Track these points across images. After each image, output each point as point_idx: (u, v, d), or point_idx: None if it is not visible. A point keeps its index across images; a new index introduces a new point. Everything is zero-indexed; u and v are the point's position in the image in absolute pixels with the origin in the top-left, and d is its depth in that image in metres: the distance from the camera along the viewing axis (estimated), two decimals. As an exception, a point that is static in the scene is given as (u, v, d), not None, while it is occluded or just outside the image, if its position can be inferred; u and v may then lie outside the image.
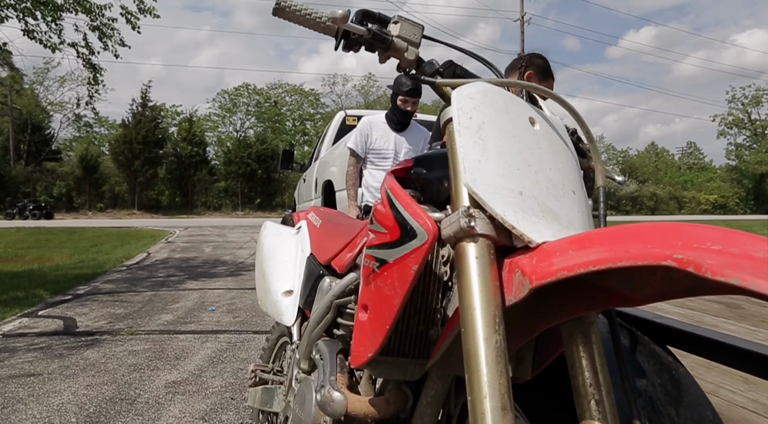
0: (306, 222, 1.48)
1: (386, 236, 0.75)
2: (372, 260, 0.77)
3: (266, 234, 1.55)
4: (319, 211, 1.50)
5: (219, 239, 13.81)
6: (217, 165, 35.22)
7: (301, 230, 1.46)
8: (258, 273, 1.47)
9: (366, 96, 42.35)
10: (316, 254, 1.28)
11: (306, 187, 6.22)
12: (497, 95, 0.78)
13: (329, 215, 1.43)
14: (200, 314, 4.30)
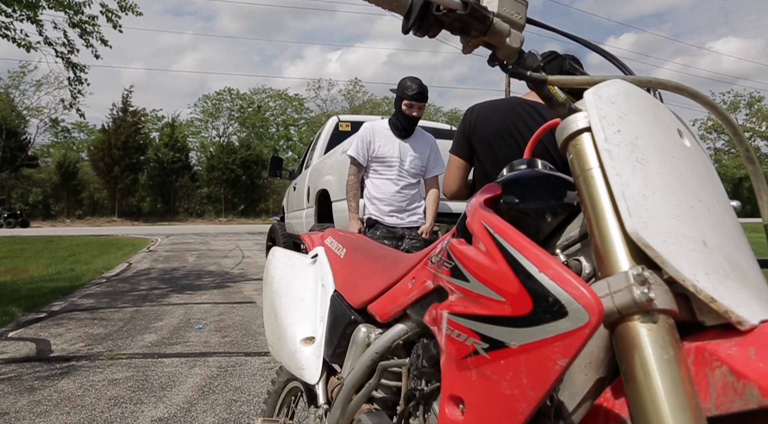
0: (324, 249, 1.23)
1: (502, 306, 0.51)
2: (470, 334, 0.54)
3: (275, 263, 1.30)
4: (339, 235, 1.26)
5: (203, 247, 13.43)
6: (199, 171, 34.63)
7: (318, 259, 1.22)
8: (268, 312, 1.22)
9: (351, 101, 42.09)
10: (344, 293, 1.04)
11: (297, 195, 5.96)
12: (641, 98, 0.56)
13: (355, 242, 1.19)
14: (186, 333, 4.01)
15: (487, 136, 1.87)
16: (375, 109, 41.34)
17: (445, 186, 2.00)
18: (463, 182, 1.96)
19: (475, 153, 1.92)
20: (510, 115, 1.86)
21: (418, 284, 0.77)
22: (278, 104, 48.24)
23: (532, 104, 1.87)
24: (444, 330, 0.60)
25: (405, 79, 2.93)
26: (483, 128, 1.89)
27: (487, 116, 1.90)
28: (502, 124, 1.86)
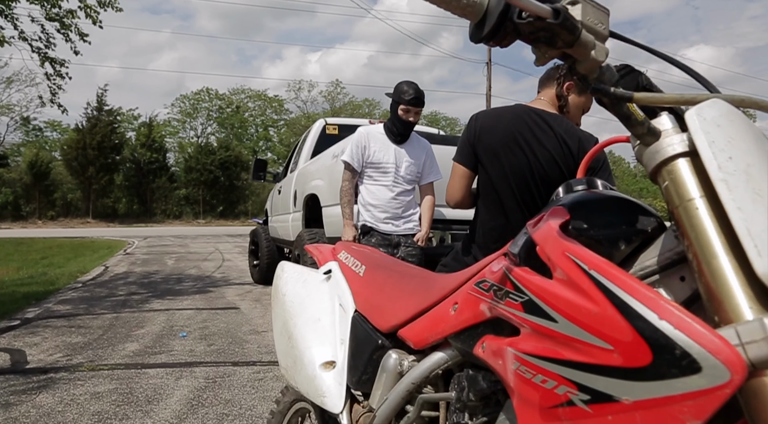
0: (338, 265, 1.16)
1: (609, 355, 0.45)
2: (560, 381, 0.48)
3: (286, 279, 1.23)
4: (353, 250, 1.19)
5: (181, 250, 13.17)
6: (177, 172, 34.04)
7: (332, 276, 1.15)
8: (280, 333, 1.15)
9: (332, 102, 41.91)
10: (368, 315, 0.98)
11: (282, 199, 5.85)
12: (742, 120, 0.51)
13: (374, 259, 1.12)
14: (170, 341, 3.88)
15: (493, 145, 1.83)
16: (356, 111, 41.24)
17: (449, 195, 1.95)
18: (467, 191, 1.92)
19: (480, 161, 1.87)
20: (516, 123, 1.82)
21: (464, 311, 0.71)
22: (257, 105, 47.77)
23: (538, 112, 1.84)
24: (514, 369, 0.54)
25: (401, 83, 2.87)
26: (488, 136, 1.84)
27: (493, 124, 1.86)
28: (508, 132, 1.82)
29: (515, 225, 1.85)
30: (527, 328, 0.55)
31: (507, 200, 1.83)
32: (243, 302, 5.68)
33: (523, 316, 0.55)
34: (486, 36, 0.54)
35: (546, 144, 1.77)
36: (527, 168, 1.79)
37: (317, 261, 1.28)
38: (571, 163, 1.78)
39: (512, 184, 1.81)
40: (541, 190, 1.81)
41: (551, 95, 1.91)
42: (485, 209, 1.90)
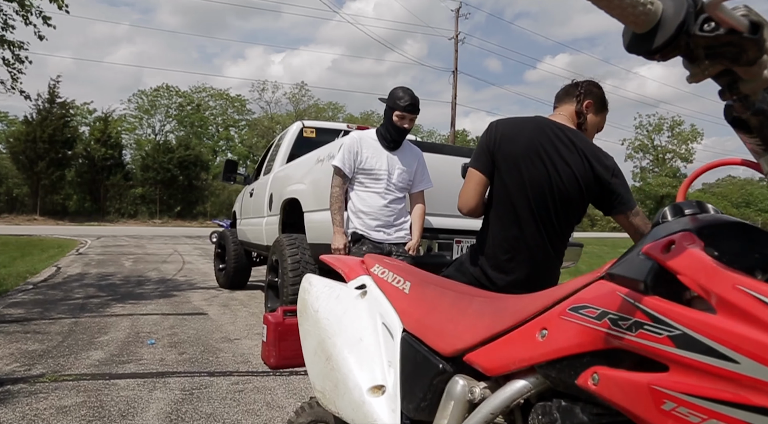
0: (372, 280, 1.09)
1: None
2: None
3: (316, 295, 1.14)
4: (389, 264, 1.12)
5: (138, 251, 12.67)
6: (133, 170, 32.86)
7: (369, 292, 1.07)
8: (314, 353, 1.06)
9: (296, 104, 41.44)
10: (423, 336, 0.91)
11: (255, 202, 5.69)
12: None
13: (418, 275, 1.05)
14: (138, 349, 3.68)
15: (514, 154, 1.80)
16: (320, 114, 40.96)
17: (462, 202, 1.89)
18: (482, 199, 1.88)
19: (498, 170, 1.84)
20: (538, 135, 1.80)
21: (559, 339, 0.66)
22: (219, 104, 46.79)
23: (561, 126, 1.83)
24: (668, 410, 0.49)
25: (397, 89, 2.82)
26: (509, 145, 1.81)
27: (515, 133, 1.83)
28: (530, 143, 1.79)
29: (529, 237, 1.82)
30: (682, 365, 0.50)
31: (522, 212, 1.80)
32: (210, 308, 5.48)
33: (678, 352, 0.50)
34: (656, 48, 0.49)
35: (568, 159, 1.76)
36: (546, 181, 1.77)
37: (343, 274, 1.20)
38: (591, 181, 1.77)
39: (530, 196, 1.79)
40: (558, 205, 1.79)
41: (571, 112, 1.91)
42: (498, 220, 1.86)
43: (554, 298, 0.71)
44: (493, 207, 1.87)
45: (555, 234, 1.85)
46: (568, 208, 1.81)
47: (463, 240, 3.31)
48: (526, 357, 0.71)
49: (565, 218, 1.83)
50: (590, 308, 0.62)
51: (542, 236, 1.83)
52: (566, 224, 1.85)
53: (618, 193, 1.79)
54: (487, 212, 1.91)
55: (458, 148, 3.40)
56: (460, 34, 25.13)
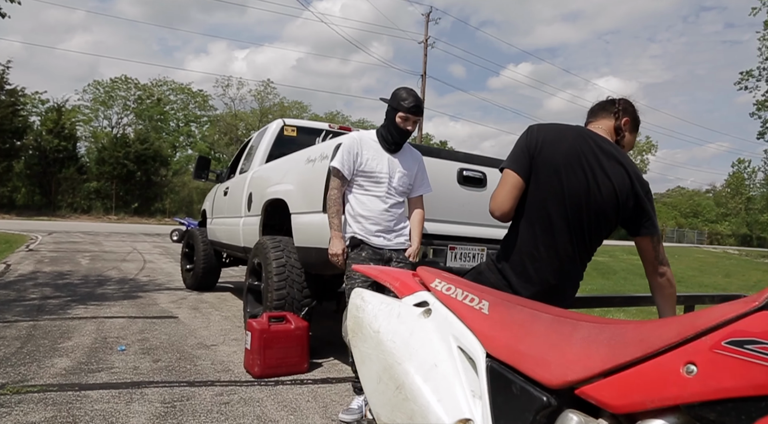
0: (434, 296, 0.98)
1: None
2: None
3: (373, 312, 1.02)
4: (452, 279, 1.02)
5: (95, 249, 12.08)
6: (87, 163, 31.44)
7: (434, 310, 0.97)
8: (379, 380, 0.94)
9: (261, 102, 40.66)
10: (516, 363, 0.81)
11: (229, 201, 5.47)
12: None
13: (493, 293, 0.95)
14: (107, 356, 3.44)
15: (555, 160, 1.74)
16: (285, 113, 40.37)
17: (496, 205, 1.80)
18: (516, 203, 1.80)
19: (536, 174, 1.77)
20: (581, 144, 1.75)
21: (717, 376, 0.57)
22: (180, 98, 45.52)
23: (603, 138, 1.80)
24: None
25: (400, 90, 2.72)
26: (551, 150, 1.75)
27: (557, 139, 1.77)
28: (572, 151, 1.74)
29: (561, 248, 1.76)
30: None
31: (558, 221, 1.74)
32: (180, 310, 5.23)
33: None
34: None
35: (609, 172, 1.71)
36: (585, 192, 1.72)
37: (393, 289, 1.09)
38: (629, 197, 1.73)
39: (567, 205, 1.73)
40: (592, 217, 1.74)
41: (609, 127, 1.87)
42: (529, 227, 1.79)
43: (696, 328, 0.63)
44: (525, 213, 1.80)
45: (584, 247, 1.80)
46: (601, 222, 1.76)
47: (457, 247, 3.24)
48: (671, 395, 0.62)
49: (596, 231, 1.78)
50: (762, 343, 0.54)
51: (574, 248, 1.77)
52: (596, 238, 1.80)
53: (650, 215, 1.76)
54: (517, 217, 1.83)
55: (454, 152, 3.33)
56: (429, 38, 25.27)
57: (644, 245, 1.77)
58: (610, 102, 1.94)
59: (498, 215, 1.81)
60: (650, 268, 1.78)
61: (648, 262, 1.78)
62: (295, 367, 3.27)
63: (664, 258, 1.77)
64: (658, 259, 1.76)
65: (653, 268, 1.77)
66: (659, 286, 1.79)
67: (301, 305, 3.43)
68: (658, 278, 1.77)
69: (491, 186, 3.42)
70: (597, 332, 0.77)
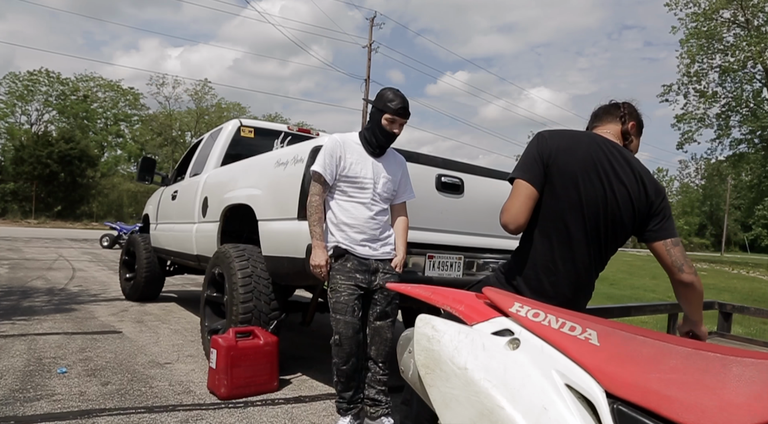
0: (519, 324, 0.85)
1: None
2: None
3: (454, 345, 0.86)
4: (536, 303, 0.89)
5: (14, 256, 11.06)
6: (2, 162, 29.01)
7: (522, 340, 0.83)
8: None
9: (198, 102, 39.04)
10: (656, 406, 0.69)
11: (179, 205, 5.09)
12: None
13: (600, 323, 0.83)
14: (46, 380, 3.06)
15: (571, 168, 1.65)
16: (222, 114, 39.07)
17: (510, 217, 1.68)
18: (530, 215, 1.69)
19: (550, 184, 1.67)
20: (596, 150, 1.67)
21: None
22: (109, 96, 43.04)
23: (614, 144, 1.72)
24: None
25: (386, 90, 2.57)
26: (566, 158, 1.66)
27: (571, 146, 1.68)
28: (588, 158, 1.65)
29: (578, 260, 1.67)
30: None
31: (576, 232, 1.65)
32: (123, 324, 4.81)
33: None
34: None
35: (624, 180, 1.65)
36: (602, 201, 1.64)
37: (458, 313, 0.94)
38: (643, 204, 1.66)
39: (585, 215, 1.64)
40: (608, 226, 1.67)
41: (617, 131, 1.80)
42: (545, 238, 1.69)
43: None
44: (539, 224, 1.70)
45: (600, 258, 1.72)
46: (618, 231, 1.69)
47: (435, 255, 3.13)
48: None
49: (613, 240, 1.71)
50: None
51: (590, 259, 1.69)
52: (611, 248, 1.74)
53: (665, 217, 1.70)
54: (529, 229, 1.73)
55: (433, 158, 3.22)
56: (373, 43, 25.29)
57: (659, 249, 1.69)
58: (614, 106, 1.89)
59: (513, 229, 1.70)
60: (669, 274, 1.70)
61: (666, 267, 1.70)
62: (264, 386, 3.03)
63: (684, 263, 1.67)
64: (675, 264, 1.67)
65: (672, 273, 1.69)
66: (681, 293, 1.71)
67: (269, 319, 3.20)
68: (679, 284, 1.68)
69: (468, 193, 3.34)
70: (754, 369, 0.67)
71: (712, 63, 26.69)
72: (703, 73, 26.86)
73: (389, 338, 2.53)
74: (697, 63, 26.60)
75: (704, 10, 25.49)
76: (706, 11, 25.40)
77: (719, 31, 25.73)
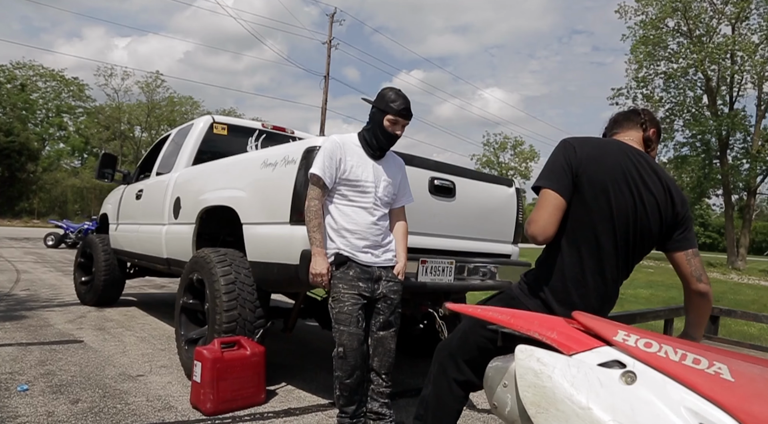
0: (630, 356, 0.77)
1: None
2: None
3: (570, 380, 0.78)
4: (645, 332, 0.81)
5: (-51, 257, 10.27)
6: (-69, 154, 26.94)
7: (638, 374, 0.75)
8: None
9: (150, 95, 37.42)
10: None
11: (144, 205, 4.80)
12: None
13: (723, 354, 0.76)
14: (6, 400, 2.78)
15: (601, 178, 1.60)
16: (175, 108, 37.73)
17: (540, 229, 1.62)
18: (558, 225, 1.64)
19: (580, 193, 1.62)
20: (624, 159, 1.63)
21: None
22: (51, 86, 40.75)
23: (641, 153, 1.69)
24: None
25: (388, 90, 2.47)
26: (595, 167, 1.61)
27: (599, 154, 1.63)
28: (617, 167, 1.61)
29: (607, 271, 1.63)
30: None
31: (606, 243, 1.61)
32: (83, 333, 4.49)
33: None
34: None
35: (653, 189, 1.62)
36: (632, 211, 1.61)
37: (551, 342, 0.85)
38: (670, 215, 1.64)
39: (616, 226, 1.60)
40: (637, 237, 1.64)
41: (639, 138, 1.77)
42: (574, 249, 1.63)
43: None
44: (568, 235, 1.64)
45: (626, 268, 1.69)
46: (644, 241, 1.66)
47: (428, 260, 3.05)
48: None
49: (639, 251, 1.68)
50: None
51: (618, 271, 1.66)
52: (637, 259, 1.71)
53: (687, 228, 1.68)
54: (556, 239, 1.67)
55: (426, 160, 3.14)
56: (333, 39, 25.03)
57: (679, 259, 1.67)
58: (634, 112, 1.87)
59: (541, 240, 1.64)
60: (686, 283, 1.68)
61: (684, 276, 1.67)
62: (251, 398, 2.87)
63: (702, 273, 1.66)
64: (694, 274, 1.66)
65: (689, 283, 1.67)
66: (695, 303, 1.69)
67: (255, 327, 3.04)
68: (695, 294, 1.66)
69: (460, 196, 3.28)
70: None
71: (657, 69, 27.92)
72: (649, 78, 28.06)
73: (393, 349, 2.43)
74: (644, 68, 27.76)
75: (651, 18, 26.60)
76: (653, 20, 26.50)
77: (664, 39, 26.94)
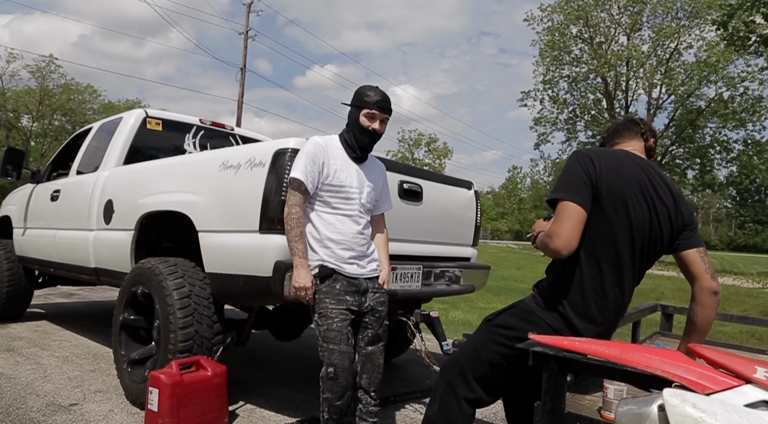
0: None
1: None
2: None
3: None
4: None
5: None
6: None
7: None
8: None
9: (43, 81, 33.70)
10: None
11: (63, 208, 4.25)
12: None
13: None
14: None
15: (620, 189, 1.59)
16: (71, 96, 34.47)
17: (564, 242, 1.55)
18: (579, 239, 1.59)
19: (599, 205, 1.59)
20: (638, 171, 1.64)
21: None
22: None
23: (651, 164, 1.71)
24: None
25: (363, 87, 2.31)
26: (614, 178, 1.60)
27: (616, 166, 1.62)
28: (633, 179, 1.61)
29: (625, 283, 1.63)
30: None
31: (625, 255, 1.60)
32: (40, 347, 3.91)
33: None
34: None
35: (665, 201, 1.63)
36: (648, 223, 1.61)
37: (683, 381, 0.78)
38: (680, 224, 1.66)
39: (635, 238, 1.60)
40: (650, 248, 1.65)
41: (642, 148, 1.78)
42: (593, 262, 1.61)
43: None
44: (586, 247, 1.61)
45: (639, 277, 1.71)
46: (656, 251, 1.68)
47: (397, 266, 2.94)
48: None
49: (651, 260, 1.70)
50: None
51: (633, 281, 1.67)
52: (648, 267, 1.73)
53: (694, 229, 1.70)
54: (575, 252, 1.63)
55: (395, 163, 3.03)
56: (250, 29, 24.10)
57: (691, 257, 1.65)
58: (633, 122, 1.88)
59: (566, 254, 1.60)
60: (698, 281, 1.63)
61: (697, 274, 1.63)
62: (214, 423, 2.62)
63: (713, 271, 1.65)
64: (708, 271, 1.63)
65: (702, 281, 1.62)
66: (706, 302, 1.62)
67: (213, 345, 2.78)
68: (707, 292, 1.62)
69: (427, 200, 3.21)
70: None
71: (562, 73, 29.78)
72: (555, 81, 29.86)
73: (381, 365, 2.30)
74: (550, 72, 29.49)
75: (556, 25, 28.27)
76: (558, 26, 28.18)
77: (568, 45, 28.75)
